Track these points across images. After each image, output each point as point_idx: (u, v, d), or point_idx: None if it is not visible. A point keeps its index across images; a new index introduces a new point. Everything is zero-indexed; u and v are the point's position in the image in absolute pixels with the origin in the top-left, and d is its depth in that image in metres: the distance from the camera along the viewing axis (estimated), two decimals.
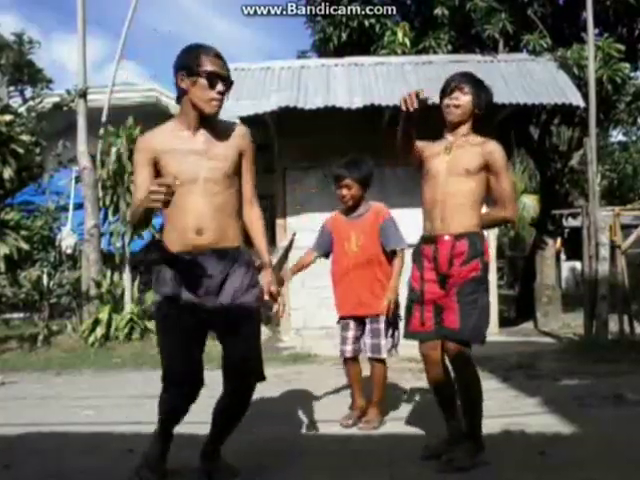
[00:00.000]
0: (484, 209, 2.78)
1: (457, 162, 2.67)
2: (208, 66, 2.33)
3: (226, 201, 2.42)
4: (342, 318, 3.51)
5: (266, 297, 2.47)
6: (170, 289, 2.39)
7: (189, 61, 2.35)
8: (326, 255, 3.61)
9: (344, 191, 3.47)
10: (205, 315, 2.39)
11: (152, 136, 2.47)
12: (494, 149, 2.68)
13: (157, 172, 2.40)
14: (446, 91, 2.76)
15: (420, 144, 2.80)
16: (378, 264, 3.41)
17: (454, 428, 2.78)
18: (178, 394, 2.46)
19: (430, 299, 2.69)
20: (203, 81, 2.33)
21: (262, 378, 2.50)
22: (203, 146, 2.39)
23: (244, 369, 2.43)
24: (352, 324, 3.45)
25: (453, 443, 2.76)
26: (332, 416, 3.56)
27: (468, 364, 2.65)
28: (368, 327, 3.40)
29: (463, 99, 2.71)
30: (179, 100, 2.43)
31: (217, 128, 2.45)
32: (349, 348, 3.45)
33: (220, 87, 2.35)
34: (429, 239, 2.71)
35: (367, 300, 3.38)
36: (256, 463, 2.79)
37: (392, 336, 3.41)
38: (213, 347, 2.67)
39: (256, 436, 3.22)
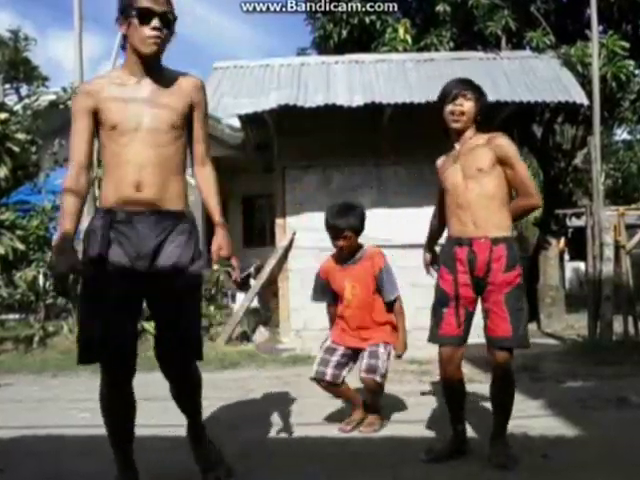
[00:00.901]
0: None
1: (469, 165, 2.71)
2: (139, 2, 2.18)
3: (170, 155, 2.26)
4: (333, 342, 3.45)
5: (214, 264, 2.38)
6: (97, 250, 2.20)
7: (124, 1, 2.24)
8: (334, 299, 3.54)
9: (341, 242, 3.34)
10: (136, 281, 2.20)
11: (93, 83, 2.33)
12: (502, 142, 2.71)
13: (97, 122, 2.27)
14: (447, 98, 2.78)
15: (438, 166, 2.91)
16: (374, 307, 3.39)
17: (460, 432, 2.83)
18: (108, 371, 2.26)
19: (464, 304, 2.71)
20: (135, 20, 2.19)
21: (200, 357, 2.37)
22: (148, 94, 2.25)
23: (180, 350, 2.28)
24: (341, 350, 3.39)
25: (457, 447, 2.81)
26: (332, 419, 3.57)
27: (511, 370, 2.73)
28: (367, 350, 3.32)
29: (467, 105, 2.74)
30: (123, 47, 2.30)
31: (167, 77, 2.31)
32: (330, 372, 3.34)
33: (155, 23, 2.18)
34: (461, 241, 2.71)
35: (366, 336, 3.38)
36: (254, 466, 2.79)
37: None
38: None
39: (254, 439, 3.23)
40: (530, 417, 3.48)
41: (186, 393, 2.45)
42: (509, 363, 2.70)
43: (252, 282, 8.44)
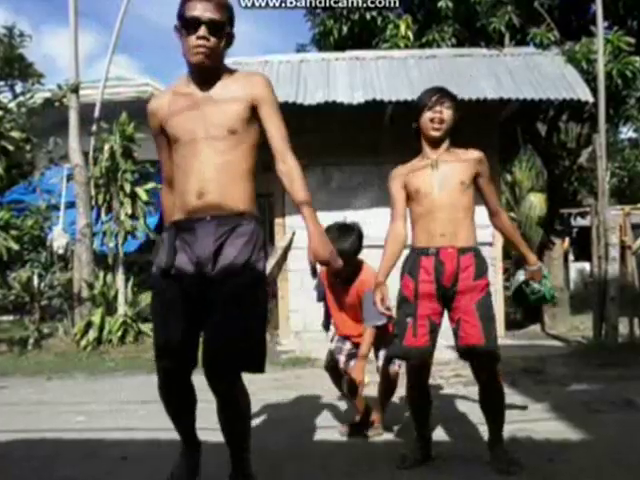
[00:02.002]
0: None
1: (449, 176, 2.72)
2: (188, 11, 2.18)
3: (232, 161, 2.25)
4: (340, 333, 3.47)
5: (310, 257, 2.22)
6: (164, 259, 2.24)
7: (178, 10, 2.23)
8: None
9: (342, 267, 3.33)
10: (197, 287, 2.19)
11: (156, 100, 2.37)
12: (483, 158, 2.78)
13: (167, 136, 2.30)
14: (427, 105, 2.77)
15: (400, 172, 2.89)
16: None
17: (428, 438, 2.90)
18: (165, 371, 2.24)
19: (425, 314, 2.68)
20: (184, 30, 2.19)
21: (258, 369, 2.26)
22: (202, 102, 2.24)
23: (224, 356, 2.15)
24: (350, 341, 3.40)
25: (427, 452, 2.85)
26: (332, 422, 3.57)
27: (496, 376, 2.73)
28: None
29: (447, 113, 2.75)
30: (185, 55, 2.27)
31: (225, 82, 2.27)
32: (342, 359, 3.36)
33: (201, 32, 2.15)
34: (427, 251, 2.70)
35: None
36: (253, 470, 2.78)
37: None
38: None
39: (253, 442, 3.22)
40: (534, 421, 3.48)
41: (228, 413, 2.31)
42: (494, 370, 2.71)
43: None
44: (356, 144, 7.23)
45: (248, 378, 2.32)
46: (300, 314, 7.27)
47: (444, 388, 4.43)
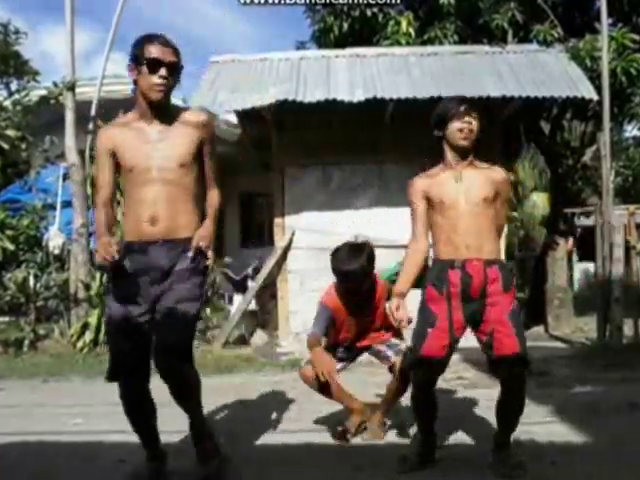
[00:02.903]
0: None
1: (474, 191, 2.73)
2: (149, 53, 2.49)
3: (181, 191, 2.58)
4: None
5: (191, 251, 2.57)
6: (118, 282, 2.58)
7: (135, 51, 2.54)
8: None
9: (357, 288, 3.23)
10: (150, 302, 2.54)
11: (110, 128, 2.71)
12: (505, 180, 2.85)
13: (117, 163, 2.62)
14: (455, 114, 2.73)
15: (421, 186, 2.83)
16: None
17: (432, 441, 2.90)
18: (125, 387, 2.60)
19: (450, 326, 2.69)
20: (145, 68, 2.50)
21: (187, 360, 2.58)
22: (157, 136, 2.57)
23: (169, 349, 2.50)
24: (342, 347, 3.42)
25: (429, 455, 2.86)
26: (332, 426, 3.57)
27: (524, 384, 2.73)
28: (385, 344, 3.37)
29: (475, 124, 2.75)
30: (134, 91, 2.62)
31: (174, 117, 2.62)
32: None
33: (162, 72, 2.49)
34: (453, 264, 2.70)
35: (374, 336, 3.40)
36: (252, 474, 2.79)
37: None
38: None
39: (252, 446, 3.23)
40: (537, 423, 3.48)
41: (179, 395, 2.60)
42: (524, 380, 2.70)
43: (250, 283, 8.44)
44: (356, 143, 7.23)
45: (249, 380, 2.37)
46: (300, 315, 7.26)
47: (446, 391, 4.43)
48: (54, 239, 8.13)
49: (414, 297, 2.85)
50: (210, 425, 2.82)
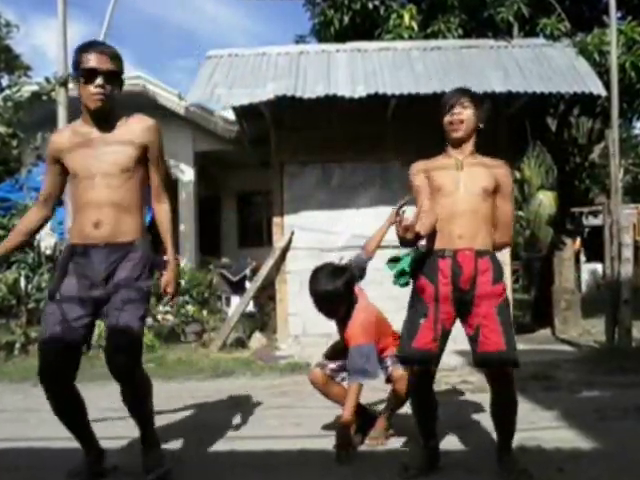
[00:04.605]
0: None
1: (474, 180, 2.77)
2: (85, 63, 2.60)
3: (124, 195, 2.69)
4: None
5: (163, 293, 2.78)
6: (55, 284, 2.70)
7: (74, 61, 2.67)
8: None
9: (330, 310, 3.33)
10: (89, 306, 2.66)
11: (57, 135, 2.85)
12: (506, 172, 2.86)
13: (64, 169, 2.76)
14: (445, 109, 2.82)
15: (422, 166, 2.89)
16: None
17: (433, 447, 2.90)
18: (49, 387, 2.73)
19: (442, 318, 2.71)
20: (82, 78, 2.63)
21: (135, 364, 2.67)
22: (100, 142, 2.69)
23: (117, 351, 2.62)
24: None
25: (432, 462, 2.85)
26: (333, 431, 3.57)
27: (513, 387, 2.76)
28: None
29: (466, 113, 2.80)
30: (79, 99, 2.73)
31: (118, 125, 2.73)
32: (331, 366, 3.40)
33: (98, 81, 2.60)
34: (444, 252, 2.73)
35: None
36: None
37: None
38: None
39: (251, 451, 3.23)
40: (544, 429, 3.49)
41: (130, 398, 2.74)
42: (510, 378, 2.73)
43: (248, 285, 8.45)
44: (357, 140, 7.24)
45: (247, 384, 2.35)
46: (299, 317, 7.27)
47: (450, 395, 4.43)
48: (46, 239, 8.11)
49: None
50: (158, 435, 2.88)
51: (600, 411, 3.86)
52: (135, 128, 2.73)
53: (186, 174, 10.56)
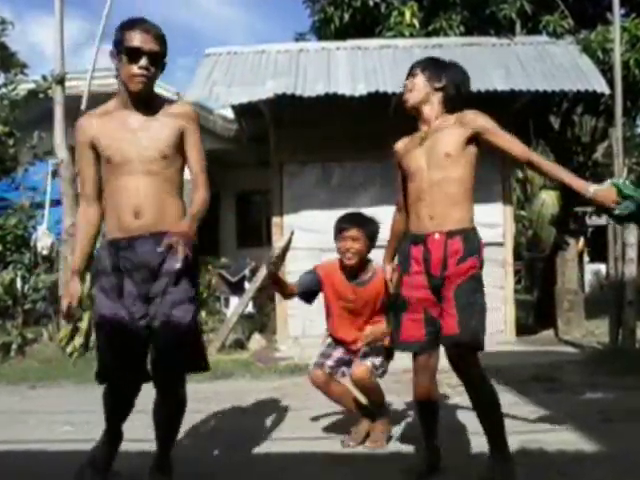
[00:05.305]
0: None
1: (435, 149, 2.66)
2: (129, 41, 2.46)
3: (164, 182, 2.56)
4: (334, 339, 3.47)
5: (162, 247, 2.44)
6: (107, 281, 2.55)
7: (117, 37, 2.52)
8: (307, 299, 3.54)
9: (348, 243, 3.25)
10: (142, 303, 2.52)
11: (89, 117, 2.66)
12: (473, 116, 2.67)
13: (98, 154, 2.59)
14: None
15: (397, 149, 2.87)
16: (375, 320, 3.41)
17: (435, 448, 2.86)
18: (114, 389, 2.61)
19: (423, 306, 2.67)
20: (124, 57, 2.48)
21: (202, 368, 2.60)
22: (138, 126, 2.55)
23: (169, 358, 2.49)
24: (342, 349, 3.43)
25: (434, 464, 2.82)
26: (333, 433, 3.57)
27: (473, 366, 2.61)
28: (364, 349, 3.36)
29: (414, 81, 2.79)
30: (117, 78, 2.60)
31: (156, 107, 2.59)
32: (329, 363, 3.39)
33: (143, 62, 2.46)
34: (416, 238, 2.69)
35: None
36: None
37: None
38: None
39: (250, 455, 3.24)
40: (546, 431, 3.49)
41: (166, 411, 2.61)
42: (467, 360, 2.59)
43: (247, 285, 8.45)
44: (358, 139, 7.24)
45: (246, 386, 2.36)
46: (299, 318, 7.28)
47: (451, 397, 4.44)
48: (42, 239, 8.12)
49: None
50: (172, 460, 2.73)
51: (604, 413, 3.86)
52: (174, 114, 2.60)
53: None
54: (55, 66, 7.50)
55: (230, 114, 8.85)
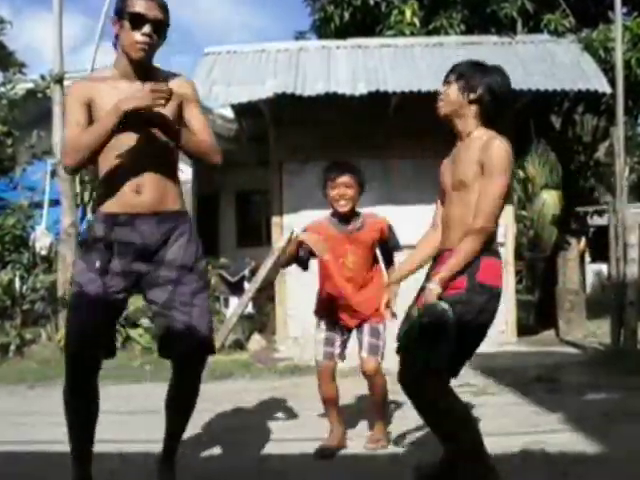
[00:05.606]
0: None
1: (456, 172, 2.51)
2: (133, 7, 2.38)
3: (166, 156, 2.47)
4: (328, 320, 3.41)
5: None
6: (95, 254, 2.42)
7: (119, 3, 2.43)
8: (303, 266, 3.50)
9: (342, 190, 3.27)
10: (133, 281, 2.45)
11: (85, 81, 2.56)
12: (491, 146, 2.38)
13: (91, 119, 2.43)
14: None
15: (443, 163, 2.67)
16: (372, 276, 3.39)
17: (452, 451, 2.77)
18: (76, 368, 2.45)
19: None
20: (127, 23, 2.38)
21: (212, 351, 2.56)
22: None
23: (192, 353, 2.46)
24: (339, 329, 3.38)
25: (448, 464, 2.72)
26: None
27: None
28: (367, 326, 3.30)
29: (447, 91, 2.52)
30: (116, 46, 2.49)
31: (156, 78, 2.46)
32: (337, 352, 3.35)
33: (146, 29, 2.37)
34: (434, 258, 2.62)
35: (364, 311, 3.33)
36: None
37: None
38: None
39: (250, 456, 3.23)
40: (548, 432, 3.48)
41: (184, 401, 2.56)
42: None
43: (246, 285, 8.45)
44: (358, 138, 7.24)
45: (246, 387, 2.35)
46: (299, 319, 7.26)
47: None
48: (41, 239, 8.13)
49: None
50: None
51: (605, 414, 3.86)
52: (174, 84, 2.46)
53: (184, 173, 10.53)
54: (54, 65, 7.51)
55: (230, 113, 8.85)
